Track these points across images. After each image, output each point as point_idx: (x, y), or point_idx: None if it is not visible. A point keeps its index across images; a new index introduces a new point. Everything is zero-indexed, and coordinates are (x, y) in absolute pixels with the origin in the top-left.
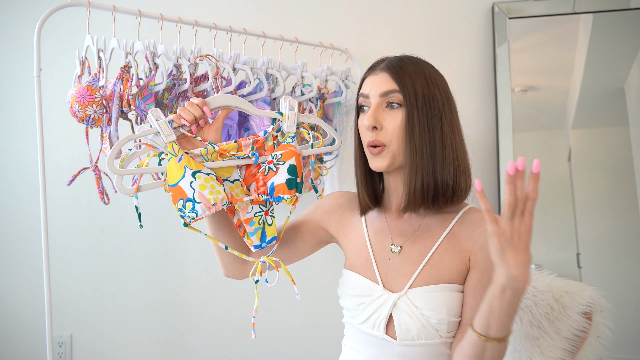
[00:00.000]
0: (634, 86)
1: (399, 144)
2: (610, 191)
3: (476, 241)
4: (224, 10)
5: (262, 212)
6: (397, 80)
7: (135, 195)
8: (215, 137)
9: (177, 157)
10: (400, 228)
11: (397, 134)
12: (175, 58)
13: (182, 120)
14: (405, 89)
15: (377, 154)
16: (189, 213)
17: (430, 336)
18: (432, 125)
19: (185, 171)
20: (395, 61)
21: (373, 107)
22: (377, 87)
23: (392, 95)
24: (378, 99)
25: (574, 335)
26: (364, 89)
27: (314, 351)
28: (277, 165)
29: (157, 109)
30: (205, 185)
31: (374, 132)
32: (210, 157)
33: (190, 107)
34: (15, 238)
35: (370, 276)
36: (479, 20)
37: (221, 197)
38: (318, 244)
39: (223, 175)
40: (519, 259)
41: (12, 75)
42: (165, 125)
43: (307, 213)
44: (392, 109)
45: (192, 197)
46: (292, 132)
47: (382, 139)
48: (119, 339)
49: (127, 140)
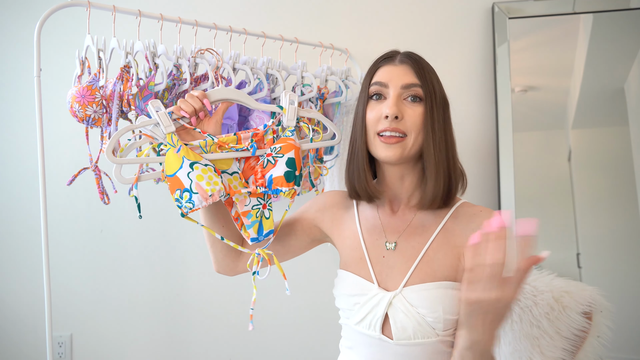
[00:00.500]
0: (634, 86)
1: (416, 137)
2: (610, 191)
3: (470, 236)
4: (224, 10)
5: (259, 205)
6: (419, 75)
7: (135, 186)
8: (214, 129)
9: (175, 148)
10: (393, 224)
11: (417, 127)
12: (175, 58)
13: (181, 112)
14: (427, 85)
15: (394, 143)
16: (186, 203)
17: (426, 335)
18: (445, 124)
19: (183, 162)
20: (414, 55)
21: (394, 97)
22: (399, 78)
23: (413, 89)
24: (399, 90)
25: (574, 335)
26: (381, 78)
27: (314, 351)
28: (276, 158)
29: (157, 100)
30: (203, 176)
31: (394, 121)
32: (209, 148)
33: (190, 99)
34: (15, 238)
35: (364, 275)
36: (479, 20)
37: (218, 188)
38: (311, 242)
39: (222, 167)
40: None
41: (12, 75)
42: (165, 117)
43: (301, 211)
44: (412, 102)
45: (189, 187)
46: (292, 125)
47: (402, 128)
48: (119, 339)
49: (127, 130)
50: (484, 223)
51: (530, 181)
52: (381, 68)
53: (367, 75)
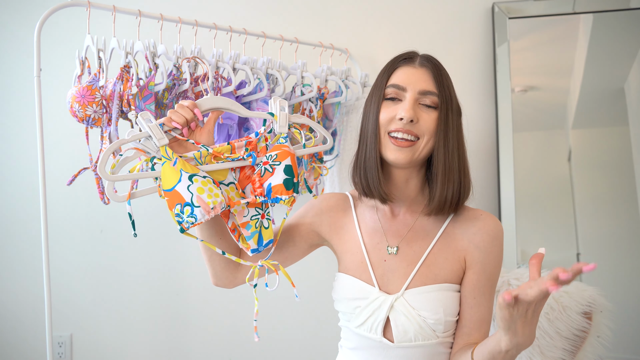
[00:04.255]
0: (634, 86)
1: (427, 141)
2: (610, 191)
3: (471, 240)
4: (224, 10)
5: (258, 216)
6: (437, 82)
7: (128, 202)
8: (207, 139)
9: (171, 161)
10: (394, 228)
11: (430, 132)
12: (175, 58)
13: (173, 122)
14: (443, 93)
15: (405, 147)
16: (188, 218)
17: (427, 337)
18: (459, 132)
19: (182, 175)
20: (434, 60)
21: (411, 101)
22: (417, 83)
23: (429, 97)
24: (416, 95)
25: (574, 335)
26: (399, 80)
27: (313, 352)
28: (273, 166)
29: (146, 112)
30: (203, 188)
31: (409, 124)
32: (204, 160)
33: (180, 109)
34: (15, 238)
35: (365, 279)
36: (479, 20)
37: (220, 200)
38: (310, 247)
39: (218, 178)
40: (526, 329)
41: (12, 75)
42: (156, 129)
43: (298, 216)
44: (427, 108)
45: (190, 201)
46: (284, 132)
47: (416, 131)
48: (119, 339)
49: (119, 144)
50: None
51: (530, 181)
52: (400, 69)
53: (383, 74)
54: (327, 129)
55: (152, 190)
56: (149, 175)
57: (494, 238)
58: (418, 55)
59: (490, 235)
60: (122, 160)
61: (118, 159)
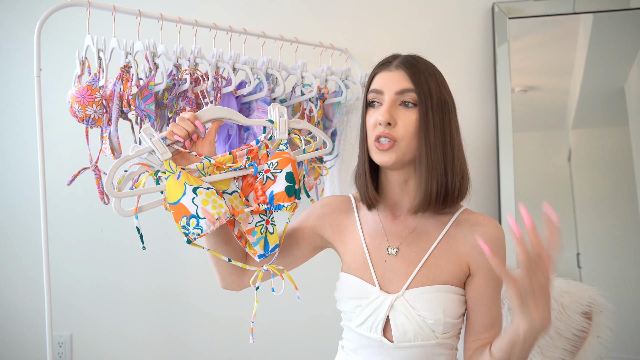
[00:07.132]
0: (634, 86)
1: (410, 141)
2: (610, 191)
3: (474, 244)
4: (224, 10)
5: (263, 222)
6: (413, 80)
7: (135, 216)
8: (209, 150)
9: (175, 174)
10: (395, 230)
11: (410, 132)
12: (175, 58)
13: (175, 136)
14: (421, 89)
15: (386, 150)
16: (194, 230)
17: (426, 337)
18: (443, 127)
19: (186, 188)
20: (410, 60)
21: (388, 104)
22: (393, 84)
23: (407, 95)
24: (393, 96)
25: (574, 335)
26: (377, 85)
27: (313, 352)
28: (275, 174)
29: (148, 127)
30: (208, 200)
31: (387, 128)
32: (207, 171)
33: (182, 122)
34: (16, 238)
35: (367, 278)
36: (479, 20)
37: (224, 211)
38: (314, 250)
39: (221, 188)
40: (539, 305)
41: (12, 75)
42: (159, 143)
43: (301, 220)
44: (406, 108)
45: (195, 213)
46: (284, 138)
47: (393, 134)
48: (119, 339)
49: (123, 161)
50: None
51: (530, 181)
52: (378, 75)
53: (367, 82)
54: (327, 129)
55: (158, 204)
56: (154, 189)
57: (497, 243)
58: (396, 58)
59: (493, 241)
60: (128, 176)
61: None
